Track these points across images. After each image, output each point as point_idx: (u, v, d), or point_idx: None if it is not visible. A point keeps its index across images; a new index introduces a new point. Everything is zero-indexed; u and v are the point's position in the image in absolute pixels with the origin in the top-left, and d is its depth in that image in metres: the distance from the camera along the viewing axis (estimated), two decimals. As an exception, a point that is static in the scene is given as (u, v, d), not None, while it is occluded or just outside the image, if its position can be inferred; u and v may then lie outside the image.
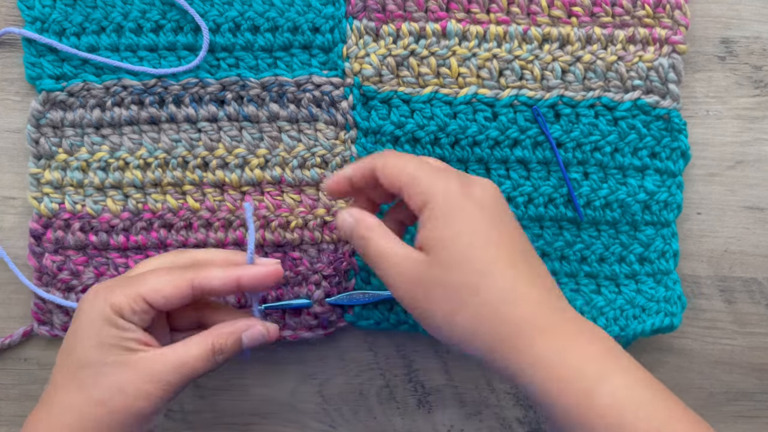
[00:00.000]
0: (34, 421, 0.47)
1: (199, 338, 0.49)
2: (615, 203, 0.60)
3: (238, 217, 0.61)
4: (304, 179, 0.61)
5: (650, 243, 0.60)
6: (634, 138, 0.60)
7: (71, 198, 0.60)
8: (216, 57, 0.61)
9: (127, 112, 0.60)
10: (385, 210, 0.56)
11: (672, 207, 0.60)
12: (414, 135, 0.60)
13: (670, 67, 0.60)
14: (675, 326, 0.59)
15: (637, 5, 0.60)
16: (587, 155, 0.60)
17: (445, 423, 0.63)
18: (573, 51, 0.60)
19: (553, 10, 0.60)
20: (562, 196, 0.60)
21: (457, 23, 0.60)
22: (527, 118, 0.60)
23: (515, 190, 0.60)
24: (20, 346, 0.62)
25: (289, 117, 0.61)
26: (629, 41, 0.60)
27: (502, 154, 0.60)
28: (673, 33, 0.60)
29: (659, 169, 0.60)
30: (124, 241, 0.60)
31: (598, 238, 0.60)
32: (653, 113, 0.60)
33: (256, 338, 0.51)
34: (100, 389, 0.46)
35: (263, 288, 0.51)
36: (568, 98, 0.60)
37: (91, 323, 0.47)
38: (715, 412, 0.63)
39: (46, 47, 0.60)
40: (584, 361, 0.43)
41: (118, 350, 0.47)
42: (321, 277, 0.60)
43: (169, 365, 0.47)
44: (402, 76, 0.61)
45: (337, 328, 0.61)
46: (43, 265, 0.60)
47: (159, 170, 0.61)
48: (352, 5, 0.60)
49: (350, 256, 0.60)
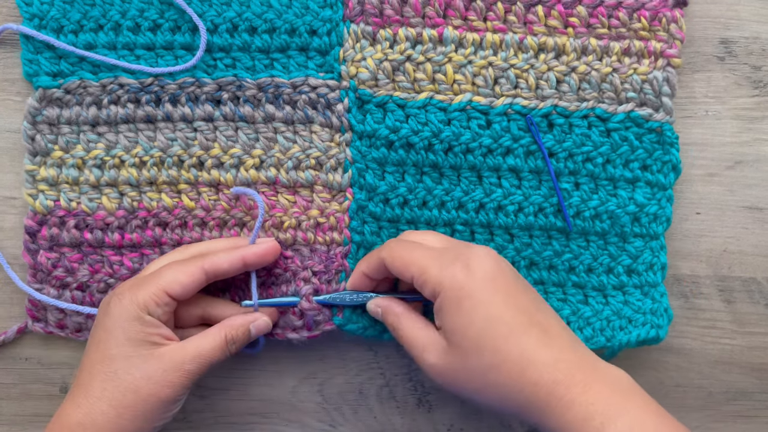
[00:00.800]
0: (71, 407, 0.52)
1: (213, 331, 0.55)
2: (605, 214, 0.60)
3: (233, 216, 0.61)
4: (299, 180, 0.61)
5: (639, 255, 0.61)
6: (626, 150, 0.60)
7: (66, 195, 0.61)
8: (213, 57, 0.61)
9: (123, 110, 0.61)
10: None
11: (661, 220, 0.61)
12: (408, 140, 0.60)
13: (664, 80, 0.60)
14: (661, 338, 0.59)
15: (634, 18, 0.60)
16: (579, 166, 0.60)
17: (444, 422, 0.63)
18: (568, 61, 0.60)
19: (550, 20, 0.60)
20: (553, 206, 0.60)
21: (453, 30, 0.60)
22: (521, 127, 0.60)
23: (506, 199, 0.60)
24: (21, 345, 0.63)
25: (285, 118, 0.61)
26: (624, 53, 0.60)
27: (494, 162, 0.60)
28: (669, 46, 0.60)
29: (650, 182, 0.60)
30: (119, 239, 0.61)
31: (586, 248, 0.61)
32: (646, 126, 0.60)
33: (262, 328, 0.58)
34: (132, 378, 0.52)
35: (266, 263, 0.59)
36: (562, 108, 0.60)
37: (120, 321, 0.53)
38: (714, 411, 0.63)
39: (43, 44, 0.60)
40: (596, 404, 0.47)
41: (146, 345, 0.53)
42: (311, 273, 0.60)
43: (188, 356, 0.53)
44: (398, 80, 0.61)
45: (324, 332, 0.60)
46: (37, 262, 0.61)
47: (154, 169, 0.61)
48: (350, 9, 0.60)
49: (342, 258, 0.61)
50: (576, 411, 0.47)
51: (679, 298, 0.63)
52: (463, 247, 0.54)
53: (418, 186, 0.61)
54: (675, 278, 0.63)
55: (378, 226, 0.61)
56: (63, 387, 0.63)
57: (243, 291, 0.61)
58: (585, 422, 0.46)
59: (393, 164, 0.61)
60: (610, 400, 0.47)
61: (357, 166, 0.61)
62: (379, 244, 0.60)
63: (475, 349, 0.49)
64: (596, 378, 0.48)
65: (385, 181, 0.61)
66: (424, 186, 0.61)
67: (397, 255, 0.54)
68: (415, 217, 0.61)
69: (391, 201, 0.61)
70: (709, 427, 0.63)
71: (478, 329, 0.49)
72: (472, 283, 0.50)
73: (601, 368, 0.50)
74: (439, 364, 0.51)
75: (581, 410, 0.47)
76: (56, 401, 0.63)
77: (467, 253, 0.52)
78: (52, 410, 0.62)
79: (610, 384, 0.49)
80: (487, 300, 0.50)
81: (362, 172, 0.61)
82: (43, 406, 0.63)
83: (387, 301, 0.57)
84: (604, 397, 0.47)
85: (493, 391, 0.49)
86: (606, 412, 0.46)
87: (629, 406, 0.47)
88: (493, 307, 0.50)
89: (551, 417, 0.48)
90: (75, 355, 0.63)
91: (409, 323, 0.54)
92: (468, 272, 0.51)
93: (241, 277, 0.60)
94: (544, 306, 0.53)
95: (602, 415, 0.46)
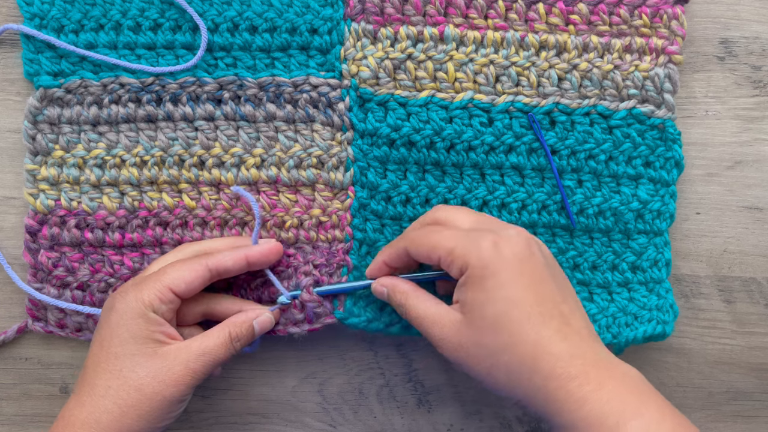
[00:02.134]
0: (75, 406, 0.51)
1: (217, 329, 0.55)
2: (608, 211, 0.60)
3: (233, 216, 0.61)
4: (300, 179, 0.61)
5: (643, 251, 0.61)
6: (629, 147, 0.60)
7: (67, 195, 0.61)
8: (214, 56, 0.61)
9: (124, 109, 0.61)
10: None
11: (665, 216, 0.61)
12: (410, 138, 0.60)
13: (665, 77, 0.60)
14: (667, 334, 0.59)
15: (635, 15, 0.60)
16: (581, 163, 0.60)
17: (444, 422, 0.63)
18: (570, 59, 0.60)
19: (551, 17, 0.60)
20: (556, 203, 0.60)
21: (454, 28, 0.60)
22: (523, 125, 0.60)
23: (509, 196, 0.60)
24: (21, 345, 0.63)
25: (286, 117, 0.61)
26: (626, 50, 0.60)
27: (497, 160, 0.60)
28: (670, 43, 0.60)
29: (653, 179, 0.60)
30: (120, 239, 0.61)
31: (590, 245, 0.61)
32: (648, 122, 0.60)
33: (266, 325, 0.57)
34: (137, 376, 0.51)
35: (268, 263, 0.58)
36: (564, 105, 0.60)
37: (125, 318, 0.52)
38: (714, 411, 0.63)
39: (44, 44, 0.60)
40: (611, 403, 0.46)
41: (151, 343, 0.52)
42: (312, 266, 0.60)
43: (193, 354, 0.53)
44: (399, 79, 0.61)
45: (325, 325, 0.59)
46: (38, 262, 0.60)
47: (155, 168, 0.61)
48: (351, 7, 0.60)
49: (345, 254, 0.61)
50: (590, 408, 0.45)
51: (679, 298, 0.63)
52: (496, 224, 0.53)
53: (420, 184, 0.60)
54: (675, 278, 0.63)
55: (380, 224, 0.61)
56: (63, 387, 0.63)
57: (245, 290, 0.60)
58: (599, 420, 0.45)
59: (395, 162, 0.61)
60: (626, 399, 0.46)
61: (359, 165, 0.61)
62: (381, 241, 0.60)
63: (492, 328, 0.49)
64: (611, 376, 0.47)
65: (387, 179, 0.60)
66: (427, 184, 0.60)
67: (420, 242, 0.53)
68: (418, 214, 0.60)
69: (393, 199, 0.60)
70: (709, 427, 0.63)
71: (498, 309, 0.49)
72: (498, 262, 0.49)
73: (617, 366, 0.48)
74: (452, 338, 0.50)
75: (595, 408, 0.45)
76: (56, 401, 0.62)
77: (498, 232, 0.51)
78: (52, 410, 0.62)
79: (626, 383, 0.47)
80: (510, 281, 0.49)
81: (364, 170, 0.61)
82: (43, 406, 0.63)
83: (392, 280, 0.56)
84: (619, 395, 0.46)
85: (503, 373, 0.49)
86: (622, 411, 0.45)
87: (645, 406, 0.46)
88: (516, 289, 0.49)
89: (561, 412, 0.46)
90: (75, 355, 0.63)
91: (418, 300, 0.53)
92: (496, 251, 0.50)
93: (243, 276, 0.60)
94: (571, 296, 0.52)
95: (618, 415, 0.45)
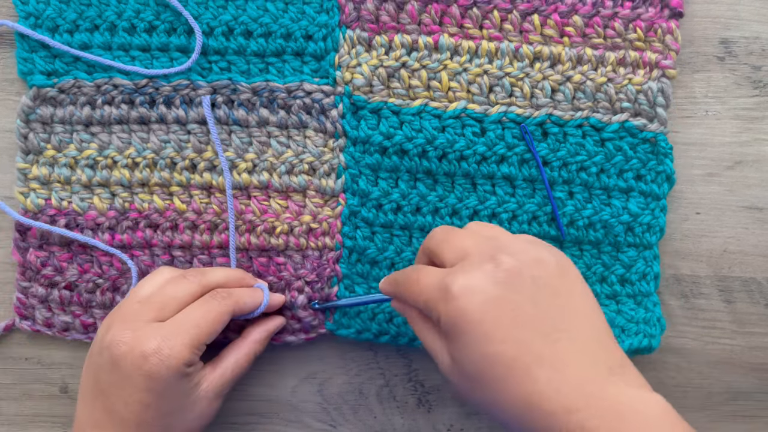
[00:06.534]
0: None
1: (242, 350, 0.57)
2: (598, 223, 0.60)
3: (223, 220, 0.61)
4: (291, 185, 0.61)
5: (632, 265, 0.61)
6: (620, 160, 0.60)
7: (58, 194, 0.61)
8: (208, 60, 0.61)
9: (117, 110, 0.60)
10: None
11: (655, 230, 0.60)
12: (402, 146, 0.60)
13: (658, 91, 0.60)
14: (654, 348, 0.59)
15: (629, 28, 0.60)
16: (573, 175, 0.60)
17: (444, 422, 0.63)
18: (563, 71, 0.60)
19: (546, 29, 0.60)
20: (546, 214, 0.60)
21: (449, 37, 0.61)
22: (515, 135, 0.60)
23: (500, 207, 0.60)
24: (21, 345, 0.62)
25: (279, 123, 0.61)
26: (619, 63, 0.60)
27: (488, 170, 0.60)
28: (664, 57, 0.60)
29: (644, 192, 0.60)
30: (110, 240, 0.60)
31: (580, 257, 0.61)
32: (640, 136, 0.60)
33: (279, 328, 0.60)
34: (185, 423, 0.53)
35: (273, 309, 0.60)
36: (557, 117, 0.60)
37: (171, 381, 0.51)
38: (714, 411, 0.63)
39: (38, 43, 0.60)
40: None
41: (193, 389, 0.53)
42: (304, 283, 0.61)
43: (226, 382, 0.55)
44: (392, 87, 0.61)
45: (319, 334, 0.61)
46: (27, 261, 0.60)
47: (147, 170, 0.61)
48: (346, 14, 0.60)
49: (334, 263, 0.61)
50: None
51: (679, 298, 0.63)
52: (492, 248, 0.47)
53: (411, 192, 0.60)
54: (675, 278, 0.63)
55: (371, 232, 0.61)
56: (63, 387, 0.62)
57: None
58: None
59: (386, 170, 0.61)
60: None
61: (350, 172, 0.61)
62: (371, 249, 0.60)
63: (478, 384, 0.45)
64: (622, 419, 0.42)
65: (378, 187, 0.60)
66: (418, 192, 0.60)
67: (404, 288, 0.50)
68: (409, 222, 0.60)
69: (384, 207, 0.60)
70: (709, 427, 0.63)
71: (477, 368, 0.44)
72: (469, 315, 0.44)
73: (631, 404, 0.43)
74: (450, 378, 0.47)
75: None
76: (56, 401, 0.62)
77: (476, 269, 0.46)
78: (52, 410, 0.62)
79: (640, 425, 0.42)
80: (484, 336, 0.44)
81: (355, 177, 0.61)
82: (43, 406, 0.62)
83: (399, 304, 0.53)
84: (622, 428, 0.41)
85: (500, 412, 0.45)
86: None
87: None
88: (492, 344, 0.44)
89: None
90: (75, 355, 0.62)
91: (422, 330, 0.50)
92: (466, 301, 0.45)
93: None
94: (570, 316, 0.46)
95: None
